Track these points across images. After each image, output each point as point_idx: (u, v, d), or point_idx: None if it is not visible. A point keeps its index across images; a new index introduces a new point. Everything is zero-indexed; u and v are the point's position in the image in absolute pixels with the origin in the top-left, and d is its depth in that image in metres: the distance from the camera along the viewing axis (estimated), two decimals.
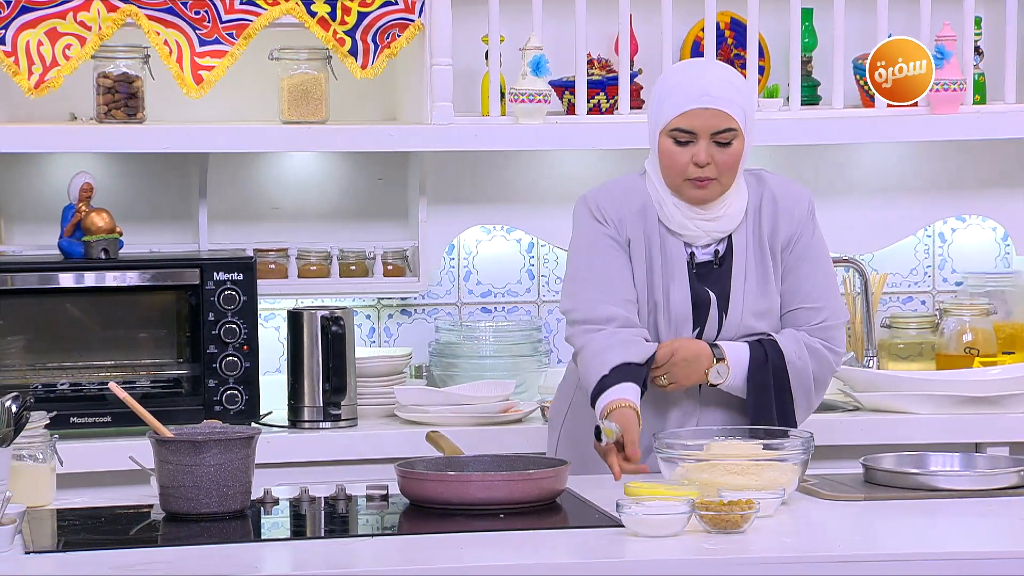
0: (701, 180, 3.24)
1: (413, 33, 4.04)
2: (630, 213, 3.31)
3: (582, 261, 3.33)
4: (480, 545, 2.75)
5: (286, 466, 3.79)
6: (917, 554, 2.69)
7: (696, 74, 3.26)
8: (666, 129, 3.24)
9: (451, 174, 4.28)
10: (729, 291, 3.31)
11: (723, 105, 3.21)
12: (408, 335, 4.35)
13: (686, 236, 3.30)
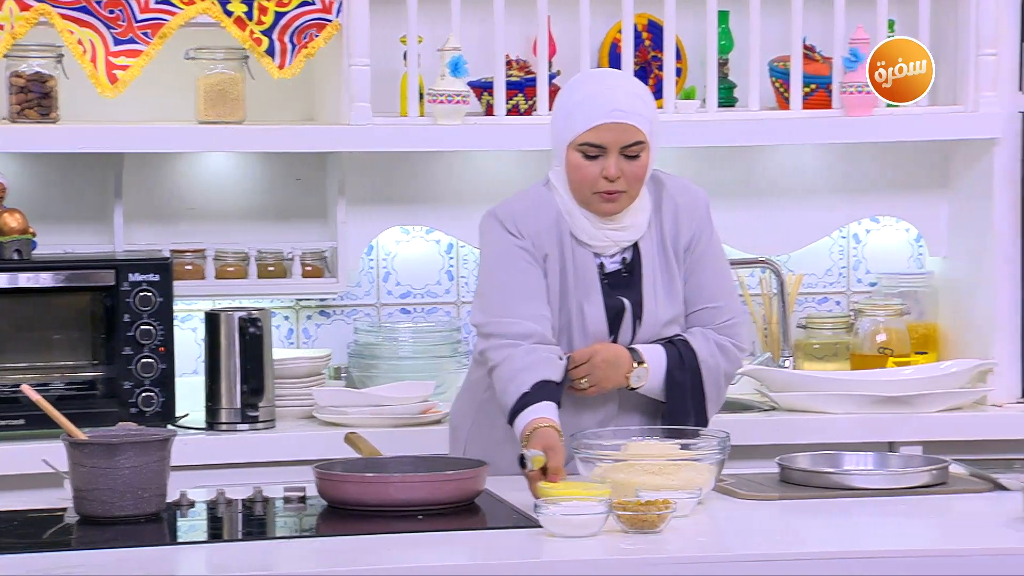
0: (611, 193, 3.24)
1: (331, 33, 4.03)
2: (544, 227, 3.30)
3: (496, 275, 3.30)
4: (399, 546, 2.75)
5: (203, 468, 3.76)
6: (832, 553, 2.72)
7: (604, 89, 3.25)
8: (575, 143, 3.24)
9: (370, 175, 4.27)
10: (641, 299, 3.32)
11: (632, 119, 3.22)
12: (327, 336, 4.33)
13: (595, 247, 3.31)
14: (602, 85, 3.28)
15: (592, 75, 3.40)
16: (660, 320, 3.33)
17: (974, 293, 4.24)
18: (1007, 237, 4.15)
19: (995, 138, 4.14)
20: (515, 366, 3.22)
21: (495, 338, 3.27)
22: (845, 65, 4.12)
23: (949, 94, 4.23)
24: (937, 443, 3.96)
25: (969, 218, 4.27)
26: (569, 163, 3.26)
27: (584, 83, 3.32)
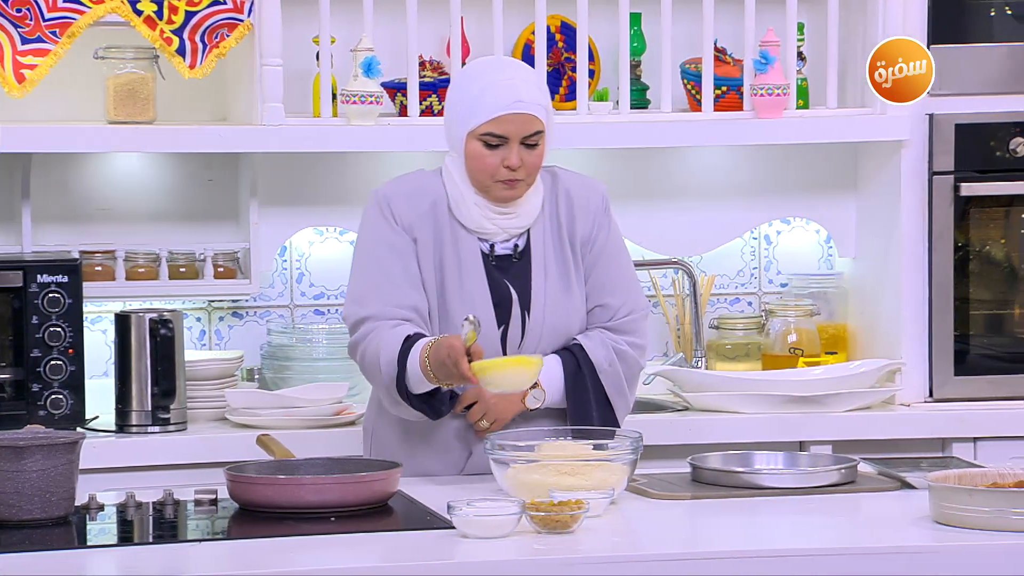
0: (511, 181, 3.25)
1: (242, 33, 4.01)
2: (420, 212, 3.29)
3: (370, 265, 3.28)
4: (311, 548, 2.74)
5: (114, 471, 3.73)
6: (743, 552, 2.74)
7: (503, 79, 3.25)
8: (475, 133, 3.25)
9: (283, 175, 4.25)
10: (530, 287, 3.31)
11: (533, 110, 3.24)
12: (240, 338, 4.31)
13: (483, 234, 3.30)
14: (501, 75, 3.27)
15: (488, 64, 3.37)
16: (551, 311, 3.30)
17: (882, 294, 4.29)
18: (914, 238, 4.20)
19: (903, 140, 4.19)
20: (386, 331, 3.19)
21: (368, 322, 3.23)
22: (756, 67, 4.15)
23: (858, 97, 4.28)
24: (846, 442, 4.00)
25: (877, 219, 4.32)
26: (469, 152, 3.26)
27: (482, 72, 3.30)
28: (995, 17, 4.22)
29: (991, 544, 2.72)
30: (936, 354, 4.19)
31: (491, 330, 3.28)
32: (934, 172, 4.19)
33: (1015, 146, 4.19)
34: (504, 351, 3.29)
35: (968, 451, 4.05)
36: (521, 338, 3.30)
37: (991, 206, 4.22)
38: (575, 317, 3.34)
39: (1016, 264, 4.26)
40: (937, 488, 2.85)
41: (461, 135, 3.27)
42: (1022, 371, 4.21)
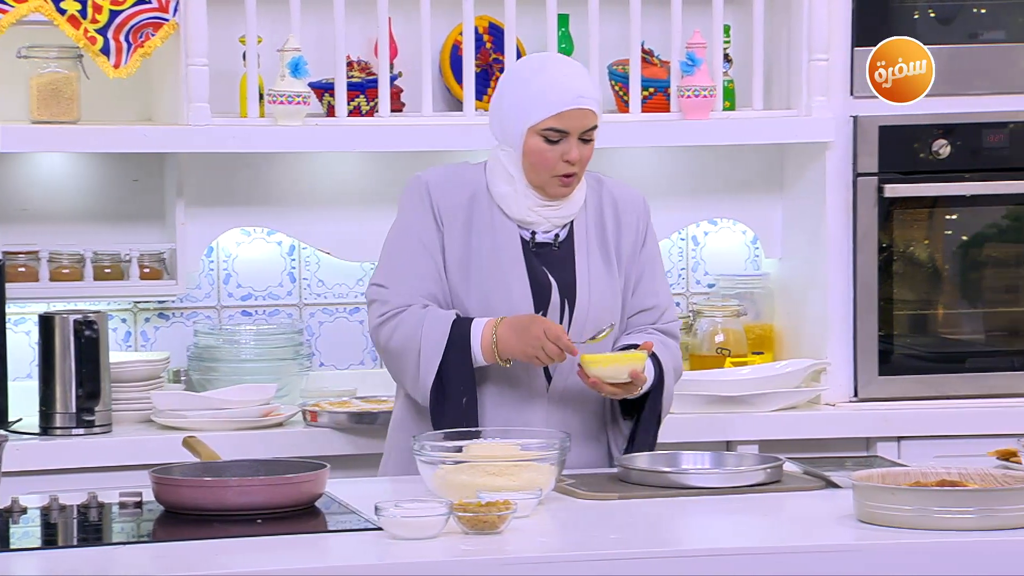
0: (567, 177, 3.33)
1: (168, 33, 3.98)
2: (457, 198, 3.36)
3: (403, 254, 3.34)
4: (238, 551, 2.73)
5: (37, 474, 3.70)
6: (670, 552, 2.75)
7: (564, 75, 3.33)
8: (537, 128, 3.31)
9: (209, 176, 4.23)
10: (574, 279, 3.36)
11: (592, 105, 3.33)
12: (166, 339, 4.28)
13: (525, 223, 3.37)
14: (560, 71, 3.35)
15: (544, 60, 3.45)
16: (596, 300, 3.36)
17: (808, 294, 4.32)
18: (839, 239, 4.24)
19: (827, 141, 4.23)
20: (419, 313, 3.28)
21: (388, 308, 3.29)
22: (683, 69, 4.17)
23: (783, 98, 4.31)
24: (773, 442, 4.03)
25: (803, 221, 4.35)
26: (529, 147, 3.32)
27: (540, 69, 3.37)
28: (919, 20, 4.26)
29: (914, 543, 2.75)
30: (861, 354, 4.23)
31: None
32: (858, 173, 4.23)
33: (938, 148, 4.23)
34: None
35: (892, 450, 4.09)
36: (563, 325, 3.34)
37: (915, 207, 4.26)
38: (615, 309, 3.40)
39: (939, 265, 4.30)
40: (861, 487, 2.87)
41: (521, 130, 3.32)
42: (945, 371, 4.26)
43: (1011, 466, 3.23)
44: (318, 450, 3.87)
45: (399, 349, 3.32)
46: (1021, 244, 4.30)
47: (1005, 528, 2.78)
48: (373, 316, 3.37)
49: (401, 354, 3.32)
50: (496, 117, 3.39)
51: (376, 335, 3.37)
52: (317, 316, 4.37)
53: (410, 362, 3.30)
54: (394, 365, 3.37)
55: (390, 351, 3.34)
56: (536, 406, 3.36)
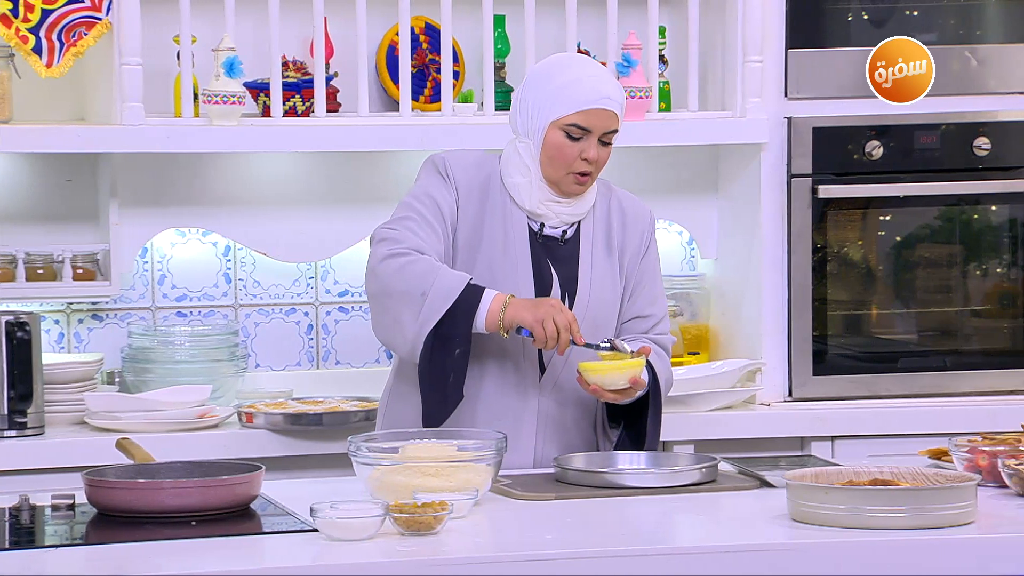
0: (583, 175, 3.36)
1: (101, 32, 3.95)
2: (473, 178, 3.38)
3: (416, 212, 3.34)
4: (172, 553, 2.71)
5: None
6: (606, 552, 2.75)
7: (591, 75, 3.37)
8: (561, 123, 3.34)
9: (144, 176, 4.20)
10: (576, 275, 3.39)
11: (617, 108, 3.37)
12: (99, 340, 4.25)
13: (535, 215, 3.39)
14: (587, 71, 3.39)
15: (574, 58, 3.50)
16: (595, 299, 3.38)
17: (743, 295, 4.35)
18: (774, 240, 4.26)
19: (762, 143, 4.25)
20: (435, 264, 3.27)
21: (400, 247, 3.28)
22: (618, 70, 4.19)
23: (718, 100, 4.33)
24: (709, 442, 4.05)
25: (738, 221, 4.38)
26: (549, 141, 3.35)
27: (570, 65, 3.40)
28: (852, 22, 4.29)
29: (846, 542, 2.77)
30: (795, 354, 4.25)
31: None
32: (793, 175, 4.25)
33: (871, 149, 4.26)
34: None
35: (826, 450, 4.12)
36: None
37: (848, 208, 4.30)
38: (612, 313, 3.43)
39: (873, 265, 4.34)
40: (794, 487, 2.89)
41: (543, 123, 3.35)
42: (878, 371, 4.29)
43: (942, 465, 3.26)
44: (254, 452, 3.85)
45: (403, 288, 3.26)
46: (953, 245, 4.35)
47: (936, 527, 2.80)
48: (381, 249, 3.31)
49: (405, 293, 3.26)
50: (517, 108, 3.42)
51: (380, 267, 3.29)
52: (253, 317, 4.36)
53: (411, 303, 3.25)
54: (390, 304, 3.29)
55: (392, 287, 3.27)
56: (529, 397, 3.37)
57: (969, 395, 4.27)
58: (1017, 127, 4.30)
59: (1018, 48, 4.29)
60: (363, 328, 4.40)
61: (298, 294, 4.38)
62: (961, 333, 4.35)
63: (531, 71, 3.48)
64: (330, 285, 4.40)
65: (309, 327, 4.39)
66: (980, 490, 2.92)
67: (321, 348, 4.39)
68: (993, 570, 2.77)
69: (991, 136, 4.28)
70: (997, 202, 4.32)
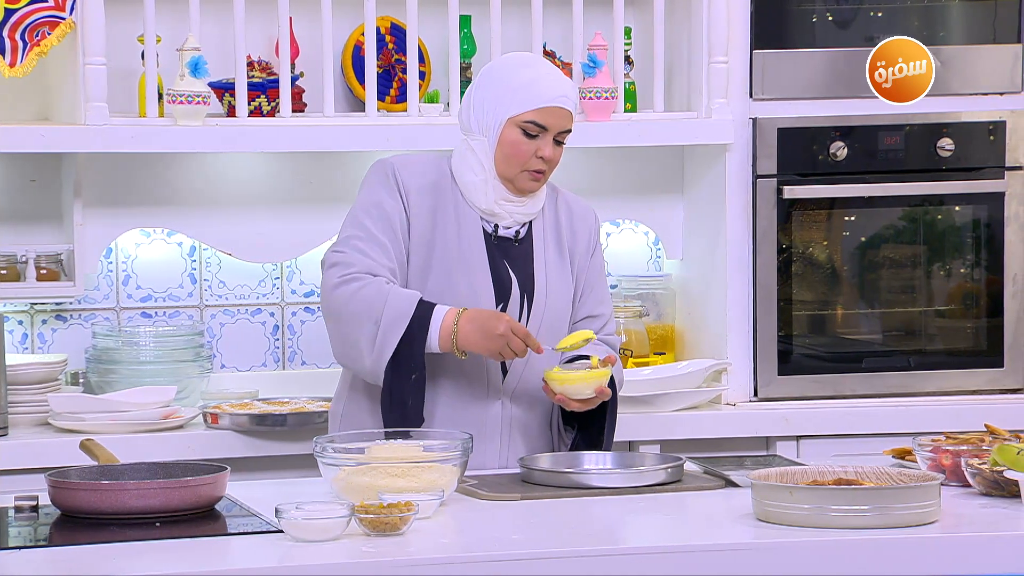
0: (538, 173, 3.36)
1: (64, 31, 3.94)
2: (423, 182, 3.38)
3: (363, 225, 3.33)
4: (136, 554, 2.71)
5: None
6: (572, 552, 2.76)
7: (548, 73, 3.39)
8: (518, 120, 3.35)
9: (108, 176, 4.19)
10: (532, 276, 3.39)
11: (572, 108, 3.38)
12: (63, 341, 4.24)
13: (489, 216, 3.39)
14: (543, 70, 3.40)
15: (531, 57, 3.50)
16: (553, 299, 3.39)
17: (709, 295, 4.36)
18: (739, 240, 4.27)
19: (727, 143, 4.26)
20: (383, 287, 3.27)
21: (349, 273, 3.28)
22: (584, 71, 4.19)
23: (684, 100, 4.34)
24: (675, 442, 4.05)
25: (703, 222, 4.39)
26: (505, 139, 3.35)
27: (528, 64, 3.41)
28: (817, 23, 4.31)
29: (811, 541, 2.78)
30: (760, 354, 4.27)
31: (490, 305, 3.35)
32: (758, 175, 4.27)
33: (835, 150, 4.28)
34: None
35: (791, 449, 4.13)
36: (519, 319, 3.37)
37: (813, 208, 4.31)
38: (567, 312, 3.44)
39: (837, 266, 4.35)
40: (759, 486, 2.90)
41: (500, 120, 3.35)
42: (844, 370, 4.31)
43: (906, 464, 3.28)
44: (219, 452, 3.84)
45: (356, 314, 3.28)
46: (917, 245, 4.37)
47: (900, 526, 2.82)
48: (332, 277, 3.32)
49: (358, 320, 3.28)
50: (471, 106, 3.41)
51: (333, 295, 3.31)
52: (218, 318, 4.35)
53: (365, 331, 3.27)
54: (346, 331, 3.31)
55: (345, 315, 3.30)
56: (491, 401, 3.37)
57: (933, 395, 4.29)
58: (980, 128, 4.32)
59: (981, 49, 4.32)
60: None
61: (264, 294, 4.37)
62: (925, 333, 4.37)
63: (485, 69, 3.48)
64: (296, 285, 4.39)
65: (275, 328, 4.38)
66: (943, 489, 2.94)
67: (287, 349, 4.38)
68: (956, 569, 2.79)
69: (954, 137, 4.30)
70: (960, 203, 4.35)
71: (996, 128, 4.32)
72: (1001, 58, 4.32)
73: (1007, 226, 4.34)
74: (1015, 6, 4.32)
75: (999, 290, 4.35)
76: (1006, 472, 3.01)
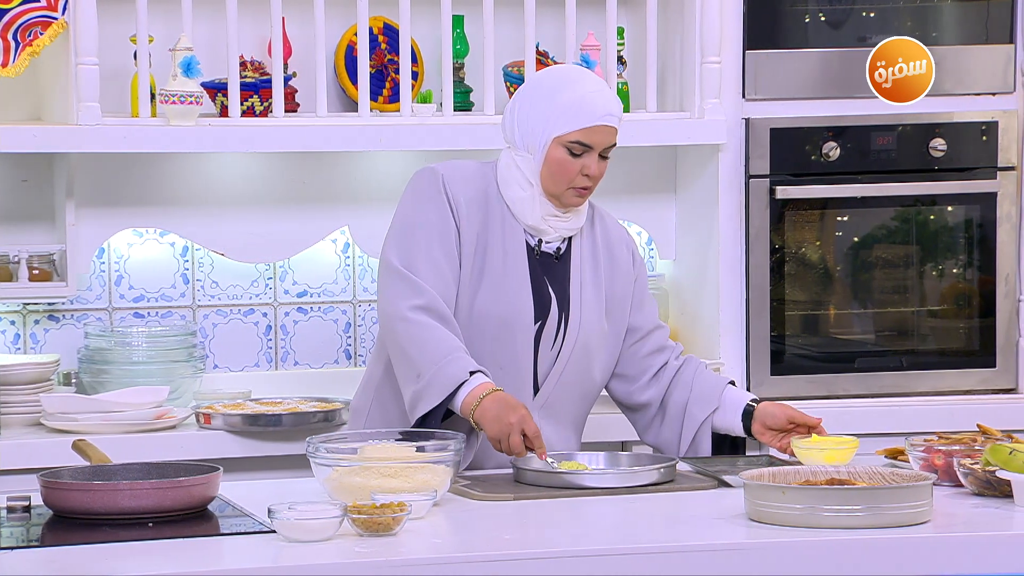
0: (584, 189, 3.35)
1: (57, 31, 3.94)
2: (473, 196, 3.36)
3: (422, 245, 3.31)
4: (128, 555, 2.70)
5: None
6: (565, 552, 2.76)
7: (594, 91, 3.35)
8: (564, 139, 3.32)
9: (100, 176, 4.19)
10: (569, 289, 3.39)
11: (618, 124, 3.37)
12: (56, 341, 4.23)
13: (535, 231, 3.38)
14: (590, 86, 3.37)
15: (576, 73, 3.45)
16: (587, 317, 3.38)
17: (701, 295, 4.36)
18: (732, 240, 4.28)
19: (720, 144, 4.27)
20: (446, 341, 3.25)
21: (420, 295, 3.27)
22: None
23: (676, 101, 4.34)
24: None
25: (696, 222, 4.39)
26: (551, 157, 3.33)
27: (575, 81, 3.38)
28: (810, 23, 4.31)
29: (803, 541, 2.78)
30: (753, 354, 4.27)
31: (528, 325, 3.34)
32: (751, 175, 4.27)
33: (828, 150, 4.28)
34: (536, 349, 3.36)
35: None
36: (555, 338, 3.37)
37: (806, 209, 4.31)
38: (600, 331, 3.42)
39: (830, 266, 4.36)
40: (752, 486, 2.90)
41: (546, 140, 3.33)
42: (837, 370, 4.31)
43: (899, 464, 3.28)
44: (212, 453, 3.84)
45: (412, 356, 3.27)
46: (909, 245, 4.37)
47: (892, 526, 2.82)
48: (400, 296, 3.29)
49: (410, 361, 3.27)
50: (515, 122, 3.39)
51: (396, 322, 3.29)
52: (211, 318, 4.34)
53: (410, 373, 3.27)
54: (399, 363, 3.32)
55: (400, 348, 3.29)
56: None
57: (926, 395, 4.30)
58: (973, 128, 4.33)
59: (974, 50, 4.32)
60: (321, 329, 4.39)
61: (256, 295, 4.37)
62: (918, 333, 4.37)
63: (530, 83, 3.46)
64: (288, 286, 4.39)
65: (267, 328, 4.37)
66: (936, 489, 2.94)
67: (279, 349, 4.38)
68: (948, 569, 2.79)
69: (947, 137, 4.31)
70: (953, 203, 4.35)
71: (988, 128, 4.32)
72: (993, 58, 4.33)
73: (999, 226, 4.35)
74: (1008, 6, 4.32)
75: (991, 290, 4.35)
76: (998, 472, 3.01)
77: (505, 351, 3.33)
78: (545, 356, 3.38)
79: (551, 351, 3.38)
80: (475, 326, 3.35)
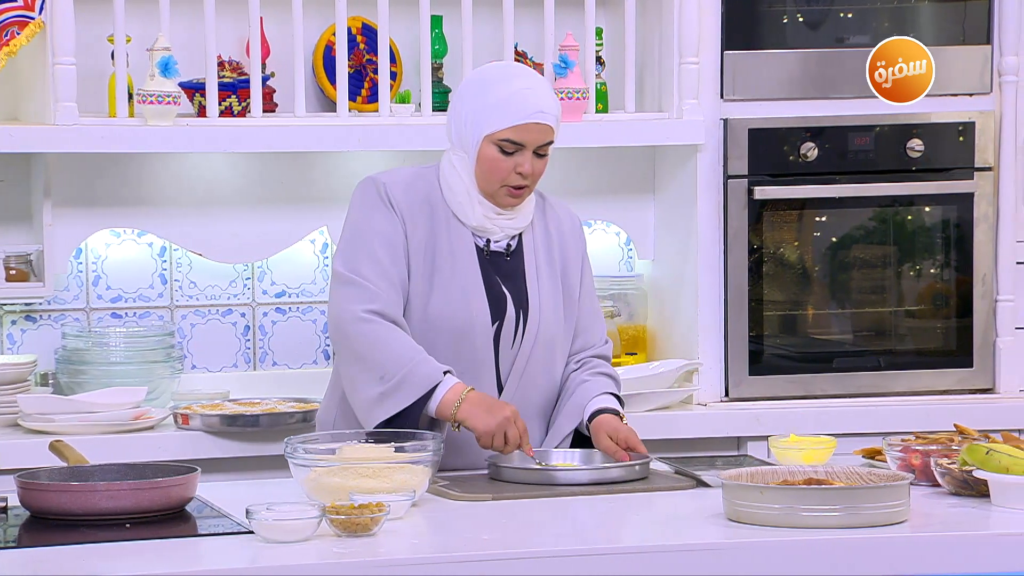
0: (519, 188, 3.32)
1: (34, 31, 3.92)
2: (416, 201, 3.34)
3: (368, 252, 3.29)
4: (106, 556, 2.70)
5: None
6: (542, 551, 2.76)
7: (525, 88, 3.32)
8: (493, 138, 3.30)
9: (78, 176, 4.17)
10: (525, 291, 3.37)
11: (551, 121, 3.33)
12: (33, 342, 4.22)
13: (481, 231, 3.36)
14: (522, 82, 3.33)
15: (507, 70, 3.42)
16: (546, 312, 3.36)
17: (680, 295, 4.37)
18: (710, 241, 4.28)
19: (698, 144, 4.27)
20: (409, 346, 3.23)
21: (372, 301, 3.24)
22: (556, 71, 4.19)
23: (655, 101, 4.35)
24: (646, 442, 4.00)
25: (675, 222, 4.40)
26: (483, 156, 3.31)
27: (503, 78, 3.34)
28: (788, 24, 4.32)
29: (781, 540, 2.78)
30: (732, 354, 4.28)
31: (485, 326, 3.32)
32: (729, 176, 4.28)
33: (806, 151, 4.29)
34: (496, 348, 3.33)
35: (762, 449, 4.13)
36: (515, 336, 3.35)
37: (784, 209, 4.32)
38: (560, 326, 3.41)
39: (808, 266, 4.37)
40: (730, 486, 2.90)
41: (477, 138, 3.31)
42: (814, 371, 4.32)
43: (876, 464, 3.29)
44: (190, 454, 3.84)
45: (372, 358, 3.24)
46: (887, 246, 4.38)
47: (870, 526, 2.83)
48: (352, 300, 3.26)
49: (369, 363, 3.24)
50: (453, 121, 3.38)
51: (349, 325, 3.26)
52: (189, 318, 4.33)
53: (370, 375, 3.23)
54: (355, 371, 3.27)
55: (355, 351, 3.26)
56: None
57: (903, 395, 4.31)
58: (950, 129, 4.34)
59: (951, 50, 4.33)
60: (300, 329, 4.39)
61: (234, 295, 4.36)
62: (895, 333, 4.38)
63: (465, 80, 3.45)
64: (267, 286, 4.38)
65: (246, 328, 4.37)
66: (913, 489, 2.95)
67: (258, 349, 4.38)
68: (926, 569, 2.80)
69: (924, 138, 4.32)
70: (930, 203, 4.36)
71: (966, 129, 4.33)
72: (971, 59, 4.34)
73: (976, 227, 4.36)
74: (984, 7, 4.33)
75: (968, 290, 4.37)
76: (975, 472, 3.02)
77: (464, 354, 3.31)
78: (506, 355, 3.36)
79: (512, 349, 3.36)
80: (432, 331, 3.32)
